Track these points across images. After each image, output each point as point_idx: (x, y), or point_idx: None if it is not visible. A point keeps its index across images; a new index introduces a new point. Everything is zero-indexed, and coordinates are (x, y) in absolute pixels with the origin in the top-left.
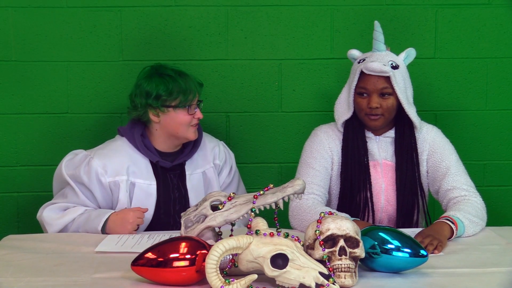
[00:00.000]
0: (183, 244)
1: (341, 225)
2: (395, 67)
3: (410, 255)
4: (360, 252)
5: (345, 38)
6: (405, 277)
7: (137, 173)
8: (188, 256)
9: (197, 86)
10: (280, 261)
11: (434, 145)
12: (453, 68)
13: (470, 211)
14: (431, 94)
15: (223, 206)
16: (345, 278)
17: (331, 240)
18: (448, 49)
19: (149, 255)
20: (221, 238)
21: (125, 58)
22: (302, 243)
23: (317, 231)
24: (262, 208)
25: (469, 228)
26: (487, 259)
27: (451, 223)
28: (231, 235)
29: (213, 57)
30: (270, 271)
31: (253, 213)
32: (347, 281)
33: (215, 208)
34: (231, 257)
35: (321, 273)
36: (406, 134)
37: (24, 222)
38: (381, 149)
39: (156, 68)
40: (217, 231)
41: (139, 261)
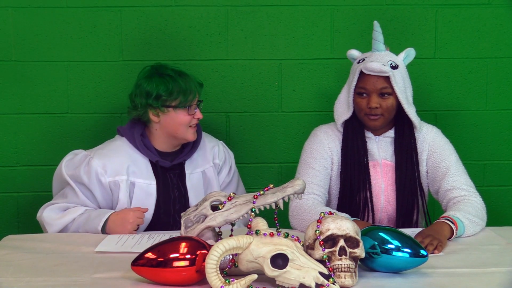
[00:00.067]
0: (183, 244)
1: (341, 225)
2: (394, 67)
3: (410, 255)
4: (360, 252)
5: (345, 38)
6: (405, 277)
7: (137, 173)
8: (188, 256)
9: (197, 86)
10: (280, 261)
11: (434, 145)
12: (453, 68)
13: (470, 211)
14: (431, 94)
15: (223, 206)
16: (345, 278)
17: (331, 240)
18: (448, 49)
19: (149, 255)
20: (221, 238)
21: (125, 58)
22: (302, 243)
23: (317, 231)
24: (262, 208)
25: (469, 228)
26: (487, 259)
27: (451, 223)
28: (231, 235)
29: (213, 57)
30: (270, 271)
31: (253, 213)
32: (347, 281)
33: (215, 208)
34: (231, 257)
35: (321, 273)
36: (405, 134)
37: (24, 222)
38: (380, 149)
39: (156, 68)
40: (217, 231)
41: (139, 261)
